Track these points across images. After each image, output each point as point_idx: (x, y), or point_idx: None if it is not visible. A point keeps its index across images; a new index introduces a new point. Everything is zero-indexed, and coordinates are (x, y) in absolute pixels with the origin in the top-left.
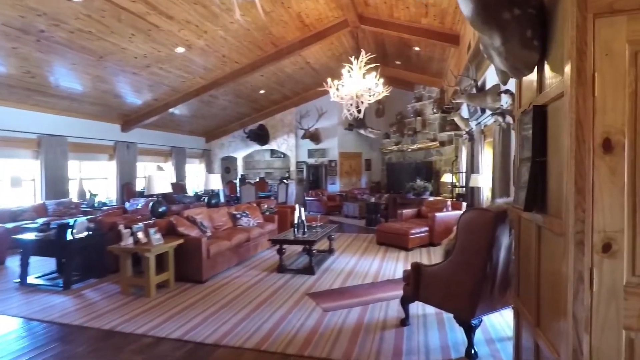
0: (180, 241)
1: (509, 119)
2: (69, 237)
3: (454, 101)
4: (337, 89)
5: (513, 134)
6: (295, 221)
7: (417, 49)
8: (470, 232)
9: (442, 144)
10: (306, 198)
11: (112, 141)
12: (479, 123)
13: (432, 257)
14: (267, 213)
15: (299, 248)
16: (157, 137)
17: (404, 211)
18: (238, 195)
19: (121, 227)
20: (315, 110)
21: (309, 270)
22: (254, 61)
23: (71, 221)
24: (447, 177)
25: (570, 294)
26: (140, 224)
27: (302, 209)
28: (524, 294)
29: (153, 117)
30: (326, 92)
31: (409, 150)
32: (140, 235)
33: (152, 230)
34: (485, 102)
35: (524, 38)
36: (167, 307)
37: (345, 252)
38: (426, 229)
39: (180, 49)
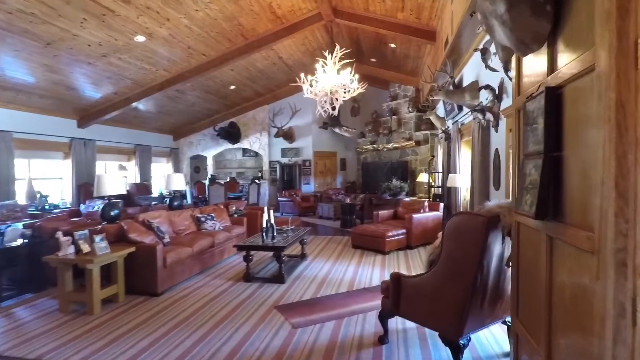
0: (132, 249)
1: (489, 115)
2: None
3: (431, 98)
4: (311, 85)
5: (493, 131)
6: (264, 225)
7: (392, 45)
8: (459, 240)
9: (418, 143)
10: (279, 199)
11: (67, 138)
12: (456, 121)
13: (410, 261)
14: (236, 215)
15: (269, 254)
16: (120, 134)
17: (380, 212)
18: (206, 196)
19: (59, 234)
20: (289, 108)
21: (278, 278)
22: (222, 54)
23: (3, 227)
24: (423, 177)
25: (609, 331)
26: (85, 231)
27: (271, 212)
28: (526, 317)
29: (113, 112)
30: (300, 89)
31: (385, 149)
32: (82, 243)
33: (97, 238)
34: (464, 99)
35: (535, 2)
36: (112, 326)
37: (318, 257)
38: (403, 231)
39: (140, 38)
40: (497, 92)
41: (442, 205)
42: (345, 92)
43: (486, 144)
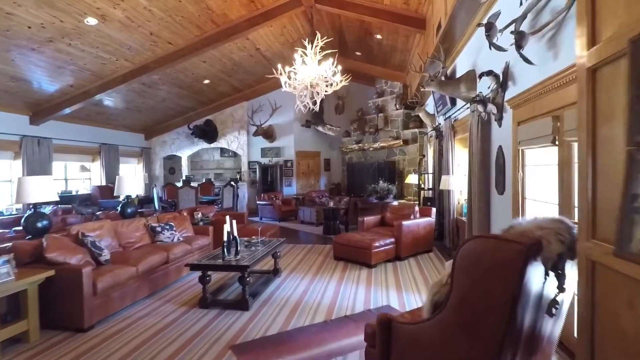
0: (50, 273)
1: (491, 107)
2: None
3: (422, 89)
4: (289, 78)
5: (495, 126)
6: (225, 237)
7: (378, 37)
8: (478, 276)
9: (406, 142)
10: (258, 202)
11: (17, 135)
12: (449, 117)
13: (400, 276)
14: (202, 224)
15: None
16: (82, 132)
17: (366, 219)
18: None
19: None
20: (269, 105)
21: (241, 304)
22: (191, 43)
23: None
24: (412, 179)
25: None
26: None
27: (234, 222)
28: None
29: (71, 107)
30: (281, 85)
31: (371, 149)
32: None
33: (1, 260)
34: (459, 90)
35: None
36: None
37: (295, 272)
38: (392, 240)
39: (91, 20)
40: (501, 80)
41: (434, 210)
42: (327, 86)
43: (487, 141)
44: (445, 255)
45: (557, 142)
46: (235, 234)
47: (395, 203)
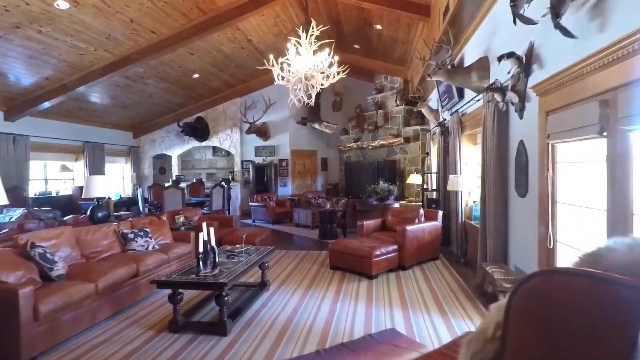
0: None
1: (511, 96)
2: None
3: (429, 78)
4: (282, 69)
5: (515, 118)
6: (200, 247)
7: (378, 27)
8: (560, 336)
9: (407, 140)
10: (250, 204)
11: None
12: (456, 112)
13: (404, 289)
14: (183, 229)
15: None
16: (63, 129)
17: (365, 223)
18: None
19: None
20: (263, 101)
21: (219, 327)
22: (176, 32)
23: None
24: (414, 179)
25: None
26: None
27: (211, 229)
28: None
29: (48, 102)
30: (275, 80)
31: (370, 147)
32: None
33: None
34: (469, 80)
35: None
36: None
37: (285, 285)
38: (394, 247)
39: (62, 4)
40: (524, 62)
41: (440, 213)
42: (323, 78)
43: (504, 135)
44: (453, 263)
45: (605, 133)
46: (213, 243)
47: (397, 205)
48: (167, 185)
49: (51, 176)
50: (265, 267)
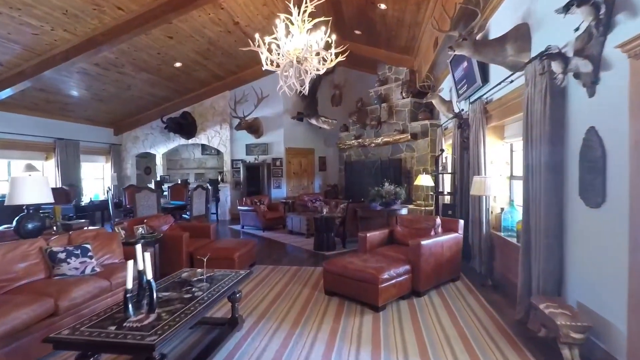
0: None
1: (578, 63)
2: None
3: (451, 51)
4: (271, 52)
5: (580, 95)
6: (127, 283)
7: (382, 6)
8: None
9: (415, 136)
10: (239, 208)
11: None
12: (478, 99)
13: (421, 327)
14: (142, 242)
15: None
16: (30, 125)
17: (369, 235)
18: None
19: None
20: (255, 95)
21: None
22: (148, 9)
23: None
24: (423, 180)
25: None
26: None
27: (147, 254)
28: None
29: (4, 92)
30: (268, 72)
31: (373, 145)
32: None
33: None
34: (503, 53)
35: None
36: None
37: (266, 319)
38: (406, 268)
39: None
40: (600, 13)
41: (461, 223)
42: (319, 62)
43: (560, 121)
44: (478, 285)
45: None
46: (150, 274)
47: (405, 211)
48: (149, 186)
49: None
50: (237, 297)
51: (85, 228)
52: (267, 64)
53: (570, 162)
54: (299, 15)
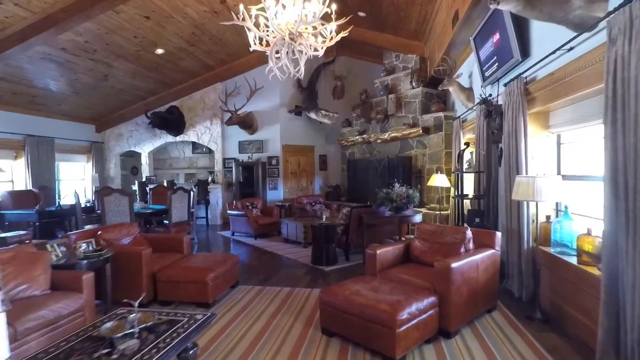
0: None
1: None
2: None
3: (494, 5)
4: (258, 27)
5: None
6: None
7: None
8: None
9: (427, 130)
10: (229, 212)
11: None
12: (516, 78)
13: None
14: (84, 263)
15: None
16: None
17: (379, 252)
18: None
19: None
20: (248, 86)
21: None
22: None
23: None
24: (437, 180)
25: None
26: None
27: (2, 315)
28: None
29: None
30: (263, 61)
31: (379, 141)
32: None
33: None
34: (567, 6)
35: None
36: None
37: None
38: (432, 300)
39: None
40: None
41: (499, 236)
42: (317, 40)
43: None
44: (522, 317)
45: None
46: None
47: (419, 218)
48: (131, 187)
49: None
50: (190, 356)
51: (28, 242)
52: (254, 43)
53: None
54: None
